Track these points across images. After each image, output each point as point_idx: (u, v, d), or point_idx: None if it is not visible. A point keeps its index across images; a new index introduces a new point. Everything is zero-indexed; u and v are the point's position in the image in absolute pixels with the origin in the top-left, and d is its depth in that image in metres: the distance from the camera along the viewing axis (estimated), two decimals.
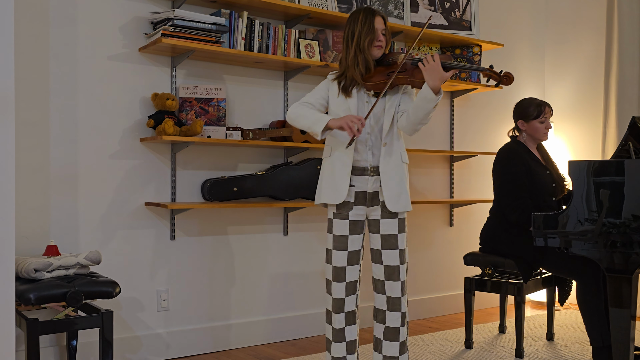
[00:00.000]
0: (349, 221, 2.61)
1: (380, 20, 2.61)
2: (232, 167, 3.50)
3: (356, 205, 2.61)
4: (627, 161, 2.59)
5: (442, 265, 4.48)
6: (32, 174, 2.94)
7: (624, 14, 4.38)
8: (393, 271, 2.58)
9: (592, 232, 2.64)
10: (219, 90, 3.30)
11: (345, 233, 2.61)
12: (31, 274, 2.55)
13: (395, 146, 2.60)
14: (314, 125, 2.53)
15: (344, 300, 2.62)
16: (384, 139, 2.58)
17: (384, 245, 2.60)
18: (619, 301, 2.64)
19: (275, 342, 3.64)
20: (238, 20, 3.33)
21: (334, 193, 2.58)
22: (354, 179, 2.60)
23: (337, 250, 2.61)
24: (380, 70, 2.60)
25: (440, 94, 2.46)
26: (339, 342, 2.66)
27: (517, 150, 3.31)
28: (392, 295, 2.58)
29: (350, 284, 2.63)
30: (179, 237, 3.34)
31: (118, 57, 3.17)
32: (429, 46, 4.19)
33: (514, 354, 3.36)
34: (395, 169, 2.58)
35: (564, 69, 4.97)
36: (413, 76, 2.55)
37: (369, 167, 2.59)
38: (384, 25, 2.62)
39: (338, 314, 2.63)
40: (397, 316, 2.58)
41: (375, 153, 2.59)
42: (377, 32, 2.58)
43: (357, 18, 2.61)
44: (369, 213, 2.63)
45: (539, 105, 3.33)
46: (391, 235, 2.60)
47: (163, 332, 3.28)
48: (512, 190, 3.22)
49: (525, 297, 3.31)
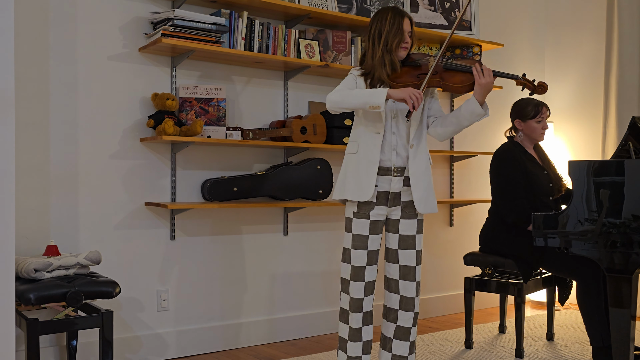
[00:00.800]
0: (370, 221, 2.60)
1: (408, 21, 2.61)
2: (232, 167, 3.50)
3: (378, 205, 2.60)
4: (627, 161, 2.59)
5: (442, 265, 4.48)
6: (32, 174, 2.94)
7: (624, 14, 4.38)
8: (409, 271, 2.60)
9: (592, 232, 2.64)
10: (219, 90, 3.30)
11: (366, 233, 2.60)
12: (31, 274, 2.55)
13: (422, 147, 2.62)
14: (372, 97, 2.46)
15: (362, 300, 2.61)
16: (412, 141, 2.58)
17: (402, 245, 2.61)
18: (619, 301, 2.64)
19: (275, 342, 3.64)
20: (238, 20, 3.33)
21: (360, 191, 2.57)
22: (377, 179, 2.59)
23: (357, 250, 2.60)
24: (407, 71, 2.60)
25: (487, 108, 2.52)
26: (356, 342, 2.64)
27: (513, 151, 3.31)
28: (407, 295, 2.60)
29: (369, 284, 2.62)
30: (179, 237, 3.34)
31: (118, 57, 3.17)
32: (429, 46, 4.19)
33: (514, 354, 3.36)
34: (424, 171, 2.60)
35: (564, 69, 4.97)
36: (445, 80, 2.56)
37: (392, 168, 2.59)
38: (411, 27, 2.62)
39: (356, 314, 2.62)
40: (410, 316, 2.60)
41: (400, 153, 2.59)
42: (404, 34, 2.58)
43: (385, 17, 2.60)
44: (389, 213, 2.63)
45: (537, 105, 3.33)
46: (410, 236, 2.61)
47: (163, 332, 3.28)
48: (508, 192, 3.23)
49: (525, 297, 3.31)
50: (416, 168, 2.58)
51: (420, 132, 2.61)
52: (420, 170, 2.59)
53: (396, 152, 2.59)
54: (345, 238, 2.64)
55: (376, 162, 2.56)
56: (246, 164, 3.55)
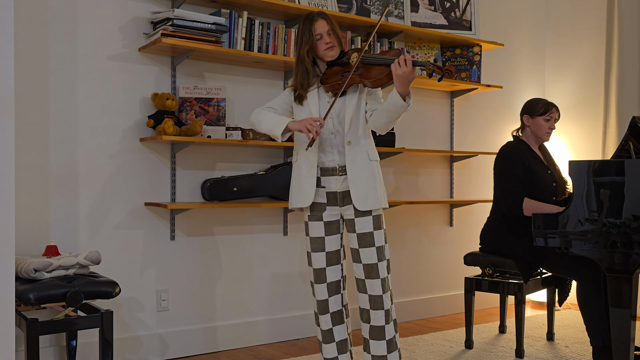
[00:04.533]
0: (324, 222, 2.62)
1: (322, 22, 2.57)
2: (232, 167, 3.50)
3: (329, 205, 2.61)
4: (627, 161, 2.59)
5: (442, 265, 4.48)
6: (32, 174, 2.94)
7: (624, 14, 4.38)
8: (372, 269, 2.56)
9: (592, 232, 2.64)
10: (218, 90, 3.30)
11: (321, 234, 2.62)
12: (31, 274, 2.55)
13: (361, 144, 2.58)
14: (274, 128, 2.55)
15: (327, 301, 2.63)
16: (347, 138, 2.57)
17: (361, 244, 2.58)
18: (619, 301, 2.64)
19: (275, 342, 3.64)
20: (238, 20, 3.33)
21: (301, 196, 2.60)
22: (324, 180, 2.60)
23: (315, 252, 2.63)
24: (335, 71, 2.58)
25: (410, 98, 2.43)
26: (328, 343, 2.67)
27: (517, 148, 3.32)
28: (373, 294, 2.56)
29: (332, 285, 2.64)
30: (178, 237, 3.34)
31: (118, 57, 3.16)
32: (429, 46, 4.19)
33: (514, 354, 3.36)
34: (362, 167, 2.56)
35: (564, 69, 4.96)
36: (364, 76, 2.51)
37: (337, 167, 2.59)
38: (327, 25, 2.57)
39: (323, 315, 2.64)
40: (380, 314, 2.56)
41: (342, 152, 2.58)
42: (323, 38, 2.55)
43: (299, 27, 2.61)
44: (343, 212, 2.63)
45: (548, 104, 3.36)
46: (366, 233, 2.58)
47: (163, 332, 3.28)
48: (506, 183, 3.23)
49: (525, 297, 3.30)
50: (352, 165, 2.56)
51: (355, 129, 2.57)
52: (357, 167, 2.56)
53: (338, 151, 2.58)
54: (306, 242, 2.67)
55: (314, 164, 2.58)
56: (246, 164, 3.55)
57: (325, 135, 2.58)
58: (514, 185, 3.19)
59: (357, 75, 2.52)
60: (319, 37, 2.56)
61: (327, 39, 2.57)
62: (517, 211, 3.14)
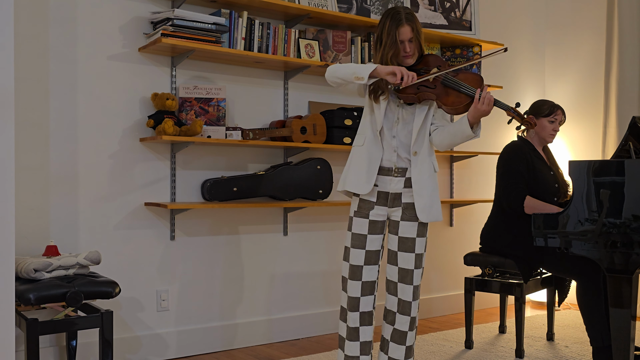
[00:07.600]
0: (369, 220, 2.59)
1: (406, 30, 2.51)
2: (232, 167, 3.50)
3: (377, 205, 2.58)
4: (627, 161, 2.59)
5: (442, 265, 4.48)
6: (32, 174, 2.94)
7: (624, 14, 4.38)
8: (407, 274, 2.56)
9: (592, 232, 2.64)
10: (218, 90, 3.30)
11: (364, 232, 2.59)
12: (31, 274, 2.55)
13: (427, 154, 2.57)
14: (360, 69, 2.44)
15: (359, 299, 2.59)
16: (413, 147, 2.54)
17: (401, 248, 2.57)
18: (619, 301, 2.64)
19: (275, 342, 3.64)
20: (238, 20, 3.33)
21: (359, 184, 2.55)
22: (378, 178, 2.57)
23: (355, 249, 2.59)
24: None
25: (479, 129, 2.45)
26: (352, 341, 2.62)
27: (521, 147, 3.33)
28: (404, 299, 2.56)
29: (366, 284, 2.59)
30: (178, 237, 3.34)
31: (118, 57, 3.16)
32: (429, 46, 4.19)
33: (514, 354, 3.36)
34: (428, 179, 2.55)
35: (564, 69, 4.97)
36: (441, 99, 2.49)
37: (393, 168, 2.57)
38: (411, 33, 2.52)
39: (353, 313, 2.60)
40: (406, 320, 2.56)
41: (401, 155, 2.56)
42: (403, 45, 2.52)
43: (384, 25, 2.54)
44: (390, 214, 2.61)
45: (553, 106, 3.37)
46: (409, 238, 2.56)
47: (163, 332, 3.28)
48: (509, 179, 3.24)
49: (525, 297, 3.30)
50: (419, 175, 2.54)
51: (422, 139, 2.56)
52: (424, 178, 2.54)
53: (397, 154, 2.56)
54: (347, 237, 2.64)
55: (377, 160, 2.55)
56: (246, 164, 3.55)
57: (387, 136, 2.56)
58: (517, 182, 3.20)
59: (434, 93, 2.49)
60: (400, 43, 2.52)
61: (407, 48, 2.53)
62: (518, 208, 3.15)
